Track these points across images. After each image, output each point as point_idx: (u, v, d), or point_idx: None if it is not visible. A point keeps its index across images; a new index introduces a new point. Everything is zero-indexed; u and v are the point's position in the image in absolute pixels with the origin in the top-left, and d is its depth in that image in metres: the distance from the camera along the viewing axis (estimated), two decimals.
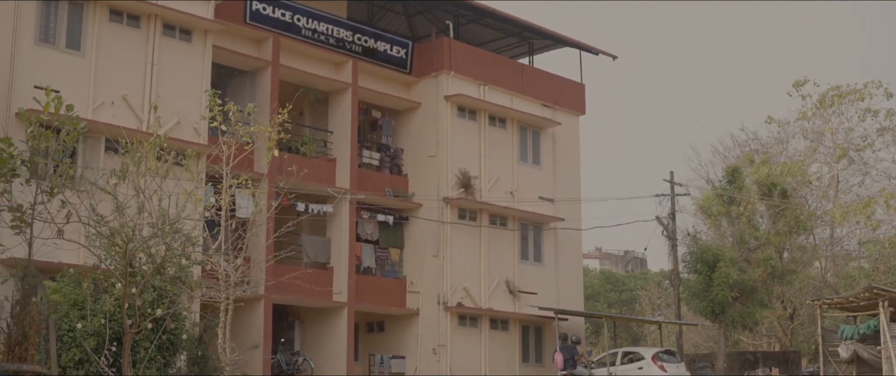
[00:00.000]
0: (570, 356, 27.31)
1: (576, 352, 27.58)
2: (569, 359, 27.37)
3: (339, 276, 31.62)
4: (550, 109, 37.02)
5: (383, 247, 33.77)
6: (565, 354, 27.58)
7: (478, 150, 34.52)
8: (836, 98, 44.55)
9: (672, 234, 38.44)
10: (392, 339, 34.02)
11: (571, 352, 27.38)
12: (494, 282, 34.09)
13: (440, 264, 33.07)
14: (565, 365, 27.30)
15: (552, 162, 36.87)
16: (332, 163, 32.27)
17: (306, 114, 33.61)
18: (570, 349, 27.48)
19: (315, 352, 31.78)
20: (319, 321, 32.28)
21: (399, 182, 34.16)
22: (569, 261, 36.95)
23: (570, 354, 27.44)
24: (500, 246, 34.57)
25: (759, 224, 41.47)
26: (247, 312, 29.29)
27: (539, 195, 35.72)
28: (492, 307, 33.74)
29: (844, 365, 32.60)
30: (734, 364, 39.75)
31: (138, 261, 20.03)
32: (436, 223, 33.25)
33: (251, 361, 28.54)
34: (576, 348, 27.82)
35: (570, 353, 27.32)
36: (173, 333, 21.32)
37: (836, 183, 44.84)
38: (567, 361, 27.43)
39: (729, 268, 36.38)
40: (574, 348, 27.74)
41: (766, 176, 39.67)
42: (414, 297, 33.53)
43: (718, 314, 37.06)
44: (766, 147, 48.94)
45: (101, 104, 25.43)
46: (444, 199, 33.28)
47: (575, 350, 27.67)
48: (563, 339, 28.01)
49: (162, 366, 21.12)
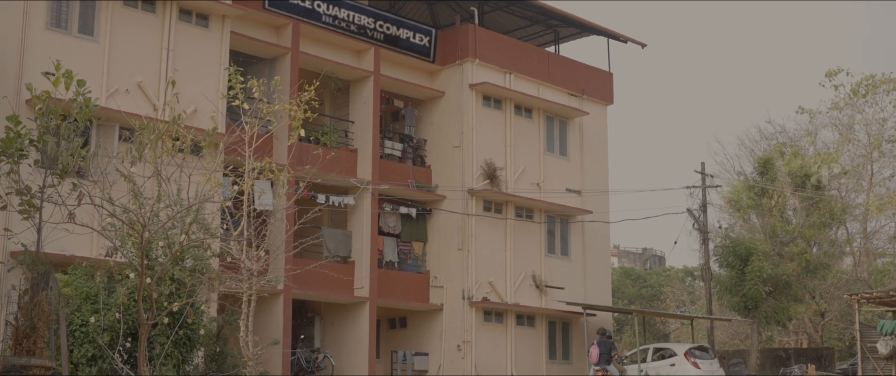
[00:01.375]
0: (607, 350, 26.28)
1: (614, 348, 26.55)
2: (604, 354, 26.35)
3: (361, 271, 30.68)
4: (578, 99, 35.96)
5: (406, 240, 32.78)
6: (602, 349, 26.55)
7: (503, 141, 33.49)
8: (870, 88, 43.34)
9: (703, 227, 37.30)
10: (415, 336, 33.04)
11: (609, 347, 26.35)
12: (520, 276, 33.07)
13: (465, 258, 32.07)
14: (600, 360, 26.24)
15: (579, 153, 35.80)
16: (353, 153, 31.30)
17: (327, 103, 32.63)
18: (607, 344, 26.46)
19: (335, 349, 30.86)
20: (340, 317, 31.33)
21: (422, 173, 33.16)
22: (596, 255, 35.88)
23: (606, 349, 26.41)
24: (526, 239, 33.54)
25: (791, 217, 40.30)
26: (266, 307, 28.39)
27: (566, 187, 34.68)
28: (518, 302, 32.72)
29: (883, 361, 31.45)
30: (766, 361, 38.62)
31: (155, 250, 19.17)
32: (460, 215, 32.25)
33: (270, 358, 27.66)
34: (614, 344, 26.79)
35: (607, 348, 26.29)
36: (191, 328, 20.40)
37: (870, 175, 43.63)
38: (603, 356, 26.39)
39: (762, 262, 35.24)
40: (612, 343, 26.71)
41: (800, 167, 38.47)
42: (437, 292, 32.54)
43: (751, 309, 35.91)
44: (793, 140, 47.78)
45: (115, 91, 24.61)
46: (468, 191, 32.27)
47: (613, 345, 26.65)
48: (602, 333, 26.99)
49: (179, 363, 20.20)
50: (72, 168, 10.97)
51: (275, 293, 28.10)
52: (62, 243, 21.08)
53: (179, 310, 19.33)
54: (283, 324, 28.15)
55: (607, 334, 27.86)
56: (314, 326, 31.84)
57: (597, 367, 25.89)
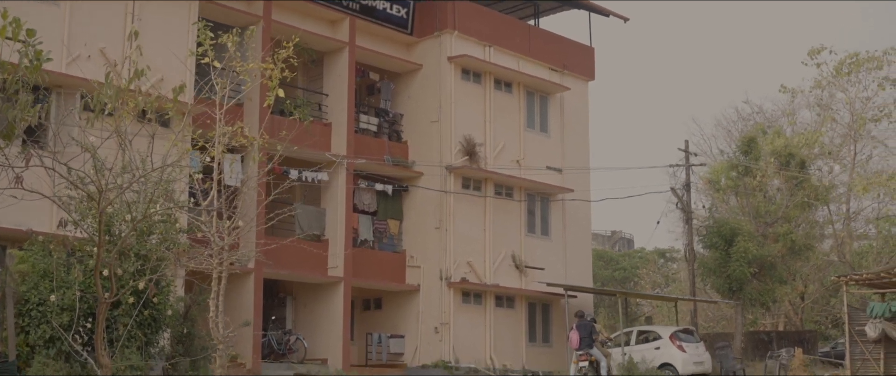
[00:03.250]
0: (588, 334, 25.19)
1: (594, 331, 25.43)
2: (585, 338, 25.28)
3: (335, 249, 29.50)
4: (559, 74, 34.87)
5: (382, 218, 31.63)
6: (582, 332, 25.47)
7: (483, 116, 32.36)
8: (853, 66, 42.52)
9: (686, 207, 36.37)
10: (390, 317, 31.93)
11: (589, 330, 25.25)
12: (500, 256, 32.00)
13: (442, 237, 30.96)
14: (581, 344, 25.12)
15: (560, 129, 34.74)
16: (327, 127, 30.07)
17: (300, 75, 31.30)
18: (587, 326, 25.37)
19: (308, 331, 29.71)
20: (313, 297, 30.18)
21: (399, 149, 31.99)
22: (577, 235, 34.89)
23: (587, 332, 25.34)
24: (505, 218, 32.46)
25: (775, 197, 39.47)
26: (236, 287, 27.16)
27: (547, 164, 33.61)
28: (497, 283, 31.66)
29: (871, 344, 30.62)
30: (748, 345, 37.81)
31: (118, 226, 17.90)
32: (438, 193, 31.12)
33: (240, 340, 26.42)
34: (594, 326, 25.67)
35: (588, 331, 25.20)
36: (156, 308, 19.17)
37: (853, 155, 42.87)
38: (584, 340, 25.31)
39: (747, 243, 34.34)
40: (592, 326, 25.58)
41: (784, 146, 37.60)
42: (414, 272, 31.43)
43: (736, 291, 35.03)
44: (770, 120, 46.98)
45: (77, 57, 23.33)
46: (446, 168, 31.14)
47: (593, 328, 25.53)
48: (580, 316, 25.93)
49: (143, 345, 18.97)
50: (20, 128, 9.72)
51: (245, 272, 26.89)
52: (18, 216, 19.79)
53: (143, 289, 18.11)
54: (254, 305, 26.97)
55: (588, 317, 26.79)
56: (286, 307, 30.69)
57: (580, 352, 24.72)
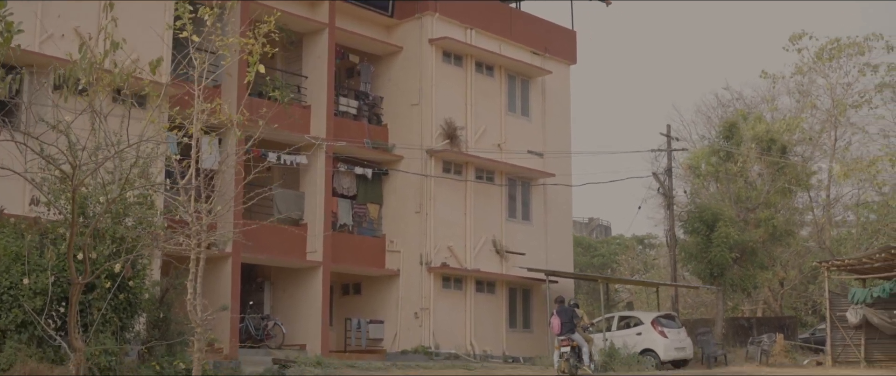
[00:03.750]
0: (569, 319, 24.85)
1: (575, 316, 25.08)
2: (567, 323, 24.91)
3: (314, 234, 29.09)
4: (540, 57, 34.53)
5: (361, 202, 31.24)
6: (563, 318, 25.11)
7: (464, 99, 32.00)
8: (835, 52, 42.40)
9: (668, 192, 36.16)
10: (370, 302, 31.58)
11: (570, 315, 24.89)
12: (480, 240, 31.70)
13: (423, 221, 30.62)
14: (562, 329, 24.73)
15: (541, 113, 34.42)
16: (306, 110, 29.61)
17: (278, 56, 30.78)
18: (568, 312, 25.00)
19: (286, 316, 29.30)
20: (291, 282, 29.77)
21: (378, 132, 31.59)
22: (558, 220, 34.62)
23: (568, 317, 24.99)
24: (486, 202, 32.14)
25: (756, 182, 39.33)
26: (213, 271, 26.71)
27: (528, 149, 33.29)
28: (478, 268, 31.37)
29: (852, 330, 30.53)
30: (728, 330, 37.68)
31: (93, 207, 17.45)
32: (418, 177, 30.77)
33: (217, 325, 25.93)
34: (575, 311, 25.32)
35: (569, 316, 24.86)
36: (132, 292, 18.76)
37: (833, 141, 42.78)
38: (565, 325, 24.94)
39: (728, 229, 34.16)
40: (573, 311, 25.22)
41: (765, 132, 37.42)
42: (394, 257, 31.08)
43: (717, 276, 34.85)
44: (750, 107, 46.84)
45: (50, 36, 22.76)
46: (427, 151, 30.77)
47: (574, 313, 25.17)
48: (560, 302, 25.59)
49: (118, 330, 18.56)
50: None
51: (222, 256, 26.47)
52: None
53: (119, 273, 17.67)
54: (231, 290, 26.54)
55: (571, 302, 26.48)
56: (264, 292, 30.27)
57: (561, 337, 24.33)
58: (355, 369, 22.29)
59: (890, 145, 38.98)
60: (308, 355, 26.07)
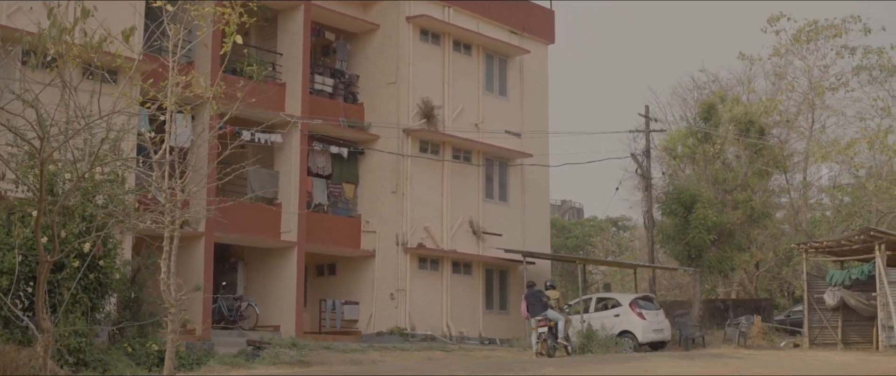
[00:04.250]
0: (537, 301, 24.37)
1: (544, 296, 24.55)
2: (534, 305, 24.38)
3: (288, 213, 28.63)
4: (518, 36, 34.12)
5: (336, 182, 30.80)
6: (530, 301, 24.66)
7: (441, 78, 31.56)
8: (812, 34, 42.21)
9: (647, 173, 35.89)
10: (345, 283, 31.19)
11: (538, 298, 24.39)
12: (457, 221, 31.35)
13: (399, 201, 30.23)
14: (530, 311, 24.33)
15: (519, 93, 34.05)
16: (281, 88, 29.10)
17: (252, 33, 30.23)
18: (535, 295, 24.56)
19: (260, 297, 28.87)
20: (265, 262, 29.33)
21: (354, 111, 31.13)
22: (535, 201, 34.31)
23: (535, 299, 24.49)
24: (463, 183, 31.77)
25: (733, 164, 39.15)
26: (185, 251, 26.14)
27: (505, 129, 32.93)
28: (454, 249, 31.02)
29: (829, 312, 30.44)
30: (705, 312, 37.54)
31: (62, 185, 16.97)
32: (394, 156, 30.35)
33: (189, 307, 25.55)
34: (544, 292, 24.83)
35: (536, 299, 24.35)
36: (103, 272, 18.31)
37: (811, 123, 42.66)
38: (532, 307, 24.45)
39: (707, 210, 33.94)
40: (541, 293, 24.74)
41: (744, 113, 37.21)
42: (369, 238, 30.68)
43: (694, 258, 34.65)
44: (726, 89, 46.64)
45: (18, 9, 22.12)
46: (404, 130, 30.35)
47: (542, 294, 24.68)
48: (529, 286, 25.18)
49: (88, 310, 18.11)
50: None
51: (195, 236, 25.98)
52: None
53: (89, 252, 17.19)
54: (204, 270, 26.12)
55: (546, 282, 26.15)
56: (237, 272, 29.81)
57: (538, 318, 23.94)
58: (331, 350, 21.92)
59: (867, 128, 38.88)
60: (282, 336, 25.66)
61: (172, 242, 11.46)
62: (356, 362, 21.04)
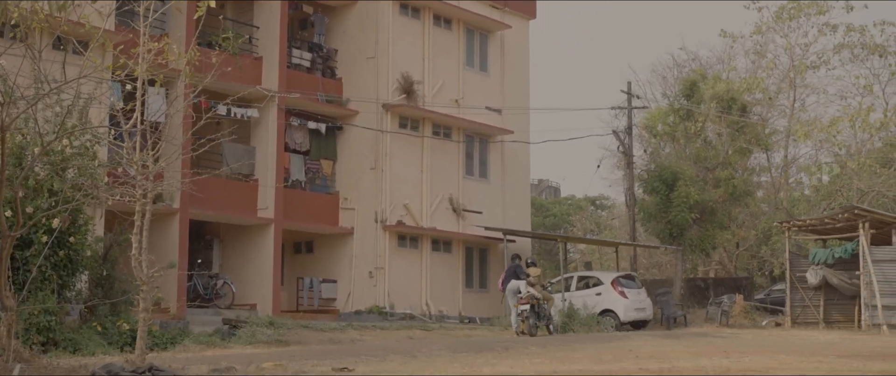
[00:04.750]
0: (512, 275, 23.91)
1: (523, 272, 24.05)
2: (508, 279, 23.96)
3: (265, 190, 28.07)
4: (499, 11, 33.56)
5: (314, 158, 30.25)
6: (507, 274, 24.30)
7: (421, 53, 31.00)
8: (795, 11, 41.85)
9: (628, 150, 35.49)
10: (322, 261, 30.69)
11: (513, 270, 23.96)
12: (437, 198, 30.87)
13: (378, 178, 29.70)
14: (503, 284, 24.10)
15: (500, 69, 33.52)
16: (257, 62, 28.49)
17: (228, 6, 29.55)
18: (512, 268, 24.11)
19: (236, 275, 28.35)
20: (241, 240, 28.78)
21: (333, 86, 30.55)
22: (516, 178, 33.86)
23: (511, 274, 24.07)
24: (443, 159, 31.27)
25: (714, 142, 38.83)
26: (159, 228, 25.68)
27: (486, 105, 32.42)
28: (434, 226, 30.56)
29: (812, 291, 30.23)
30: (685, 291, 37.29)
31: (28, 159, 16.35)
32: (373, 132, 29.81)
33: (163, 285, 25.02)
34: (523, 268, 24.29)
35: (512, 274, 23.89)
36: (73, 248, 17.73)
37: (792, 101, 42.37)
38: (506, 280, 24.11)
39: (689, 188, 33.58)
40: (518, 267, 24.26)
41: (726, 91, 36.84)
42: (348, 215, 30.17)
43: (676, 236, 34.32)
44: (705, 67, 46.28)
45: None
46: (383, 106, 29.80)
47: (520, 270, 24.18)
48: (513, 259, 24.74)
49: (57, 288, 17.54)
50: None
51: (169, 212, 25.43)
52: None
53: (57, 228, 16.61)
54: (179, 247, 25.55)
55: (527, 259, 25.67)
56: (213, 250, 29.26)
57: (521, 295, 23.50)
58: (309, 329, 21.43)
59: (849, 107, 38.61)
60: (259, 315, 25.12)
61: (144, 217, 10.93)
62: (335, 341, 20.58)
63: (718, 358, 14.57)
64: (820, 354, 15.58)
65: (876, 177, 38.34)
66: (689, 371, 11.03)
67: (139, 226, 10.85)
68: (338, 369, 12.08)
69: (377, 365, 13.96)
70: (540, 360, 14.79)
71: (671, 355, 15.43)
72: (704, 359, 14.18)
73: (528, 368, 11.76)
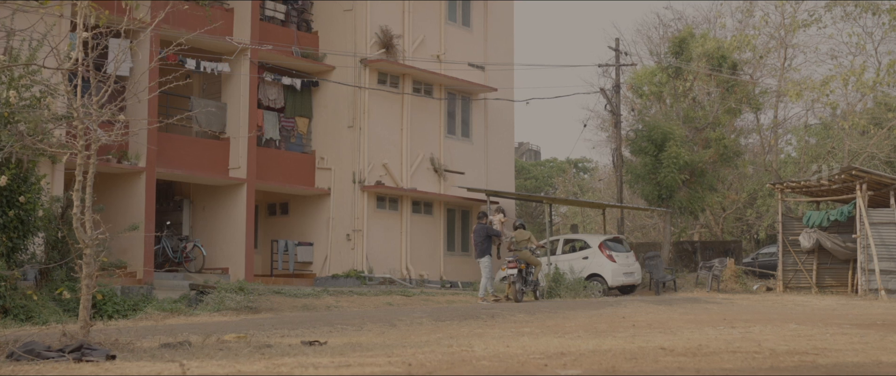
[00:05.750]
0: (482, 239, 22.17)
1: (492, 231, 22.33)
2: (480, 243, 22.24)
3: (237, 149, 26.76)
4: None
5: (289, 115, 28.89)
6: (476, 238, 22.50)
7: (401, 5, 29.63)
8: None
9: (616, 109, 34.24)
10: (298, 223, 29.45)
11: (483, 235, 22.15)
12: (417, 158, 29.62)
13: (355, 137, 28.41)
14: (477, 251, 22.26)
15: (483, 25, 32.18)
16: (228, 13, 27.03)
17: None
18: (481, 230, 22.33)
19: (207, 238, 27.09)
20: (213, 201, 27.48)
21: (308, 40, 29.15)
22: (499, 138, 32.64)
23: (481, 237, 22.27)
24: (424, 118, 29.99)
25: (703, 102, 37.63)
26: (124, 188, 24.38)
27: (469, 61, 31.12)
28: (415, 187, 29.33)
29: (804, 255, 29.25)
30: (672, 255, 36.26)
31: None
32: (351, 89, 28.48)
33: (129, 248, 23.80)
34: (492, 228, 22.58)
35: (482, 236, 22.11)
36: (24, 208, 16.40)
37: (783, 60, 41.17)
38: (477, 246, 22.33)
39: (679, 148, 32.39)
40: (486, 229, 22.50)
41: (716, 48, 35.58)
42: (324, 175, 28.90)
43: (665, 199, 33.16)
44: (693, 26, 45.02)
45: None
46: (361, 61, 28.45)
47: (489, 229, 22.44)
48: (479, 218, 23.01)
49: (8, 251, 16.23)
50: None
51: (135, 171, 24.09)
52: None
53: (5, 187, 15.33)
54: (146, 208, 24.20)
55: (515, 223, 24.16)
56: (182, 211, 27.97)
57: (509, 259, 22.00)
58: (282, 295, 20.19)
59: (840, 65, 37.42)
60: (230, 280, 23.89)
61: (86, 173, 9.63)
62: (309, 308, 19.36)
63: (724, 327, 13.43)
64: (832, 323, 14.48)
65: (868, 138, 37.30)
66: (712, 347, 9.87)
67: (81, 182, 9.55)
68: (308, 341, 10.86)
69: (353, 336, 12.76)
70: (529, 329, 13.64)
71: (671, 325, 14.29)
72: (710, 329, 13.04)
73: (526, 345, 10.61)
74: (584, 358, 8.70)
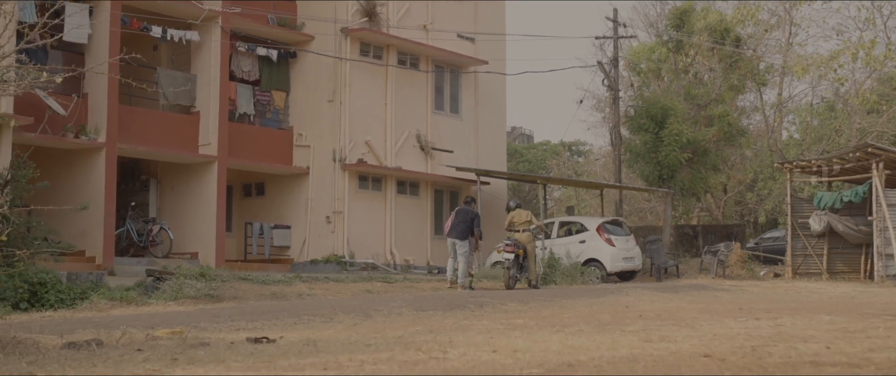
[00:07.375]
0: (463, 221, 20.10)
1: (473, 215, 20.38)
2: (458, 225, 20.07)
3: (207, 124, 24.91)
4: None
5: (264, 88, 27.02)
6: (457, 218, 20.36)
7: None
8: None
9: (614, 83, 32.35)
10: (275, 205, 27.65)
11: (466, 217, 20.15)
12: (403, 135, 27.80)
13: (336, 112, 26.56)
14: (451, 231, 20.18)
15: None
16: None
17: None
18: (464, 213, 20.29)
19: (175, 220, 25.29)
20: (181, 180, 25.65)
21: (285, 7, 27.33)
22: (491, 113, 30.82)
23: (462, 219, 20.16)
24: (410, 92, 28.15)
25: (705, 78, 35.80)
26: (82, 165, 22.52)
27: (458, 32, 29.26)
28: (400, 166, 27.52)
29: (814, 239, 27.46)
30: (674, 239, 34.45)
31: None
32: (331, 60, 26.61)
33: (89, 229, 21.97)
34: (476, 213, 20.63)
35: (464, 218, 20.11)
36: None
37: (788, 35, 39.35)
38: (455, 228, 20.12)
39: (681, 126, 30.52)
40: (471, 212, 20.56)
41: (719, 21, 33.74)
42: (303, 153, 27.08)
43: (666, 179, 31.31)
44: None
45: None
46: (342, 30, 26.61)
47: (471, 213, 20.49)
48: (466, 202, 21.08)
49: None
50: None
51: (94, 147, 22.22)
52: None
53: None
54: (106, 187, 22.39)
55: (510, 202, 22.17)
56: (148, 191, 26.17)
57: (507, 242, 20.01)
58: (249, 282, 18.31)
59: (847, 41, 35.58)
60: (199, 265, 22.02)
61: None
62: (278, 296, 17.50)
63: (746, 319, 11.61)
64: (865, 313, 12.67)
65: (877, 116, 35.54)
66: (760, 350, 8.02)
67: None
68: (255, 338, 9.00)
69: (317, 329, 10.91)
70: (522, 321, 11.79)
71: (683, 316, 12.47)
72: (730, 322, 11.21)
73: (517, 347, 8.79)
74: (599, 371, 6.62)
